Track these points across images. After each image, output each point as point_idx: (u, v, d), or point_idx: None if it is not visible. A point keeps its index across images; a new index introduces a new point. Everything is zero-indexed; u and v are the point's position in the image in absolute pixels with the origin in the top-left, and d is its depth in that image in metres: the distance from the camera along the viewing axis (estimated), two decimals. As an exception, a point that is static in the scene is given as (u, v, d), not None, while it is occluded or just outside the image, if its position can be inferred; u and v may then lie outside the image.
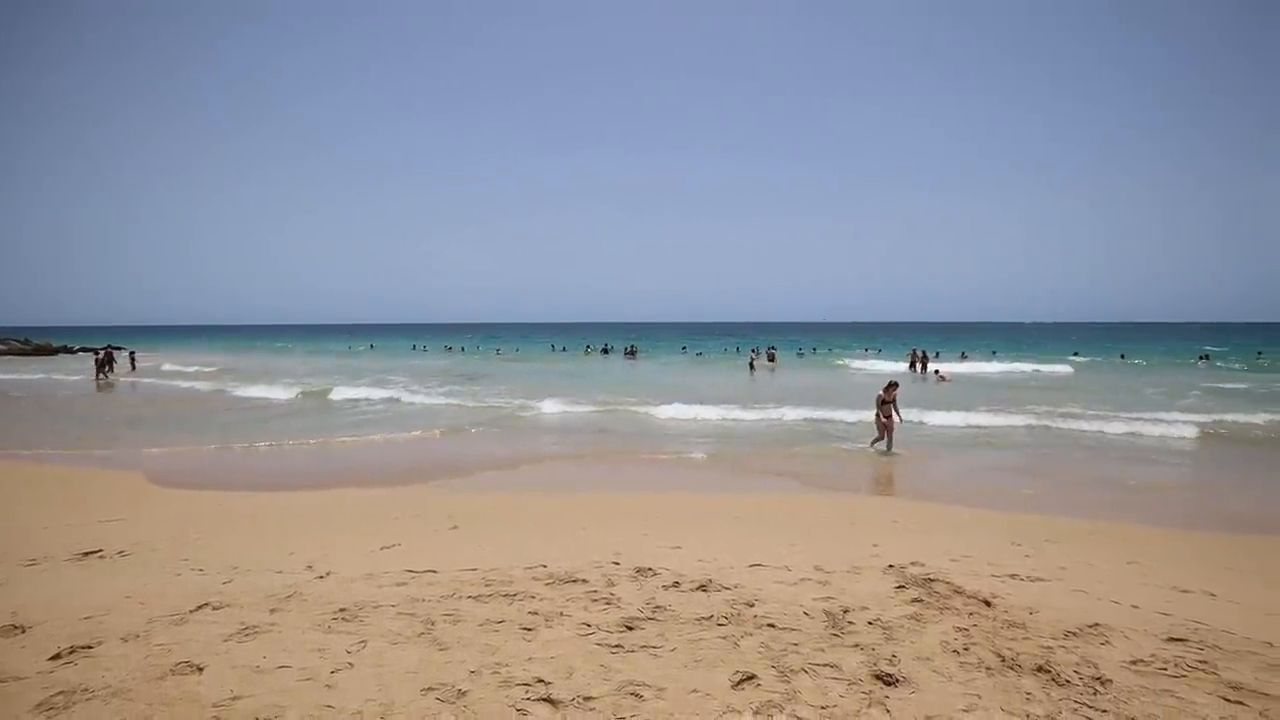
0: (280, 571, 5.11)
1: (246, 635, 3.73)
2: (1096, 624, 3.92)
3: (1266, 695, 3.14)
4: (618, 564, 5.20)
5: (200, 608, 4.17)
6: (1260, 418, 15.01)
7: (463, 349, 53.24)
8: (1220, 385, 24.30)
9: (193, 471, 10.27)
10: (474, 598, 4.35)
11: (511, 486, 9.50)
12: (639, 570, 4.96)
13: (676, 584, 4.63)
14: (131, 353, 38.30)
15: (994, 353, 43.00)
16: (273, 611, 4.11)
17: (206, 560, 5.48)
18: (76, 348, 49.14)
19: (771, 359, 36.65)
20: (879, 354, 43.88)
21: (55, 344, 49.98)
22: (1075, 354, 41.51)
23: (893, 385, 12.36)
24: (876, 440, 12.07)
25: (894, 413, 12.03)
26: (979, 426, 14.11)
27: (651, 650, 3.58)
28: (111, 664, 3.38)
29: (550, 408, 17.41)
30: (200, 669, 3.33)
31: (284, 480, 9.69)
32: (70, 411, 18.03)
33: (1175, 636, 3.78)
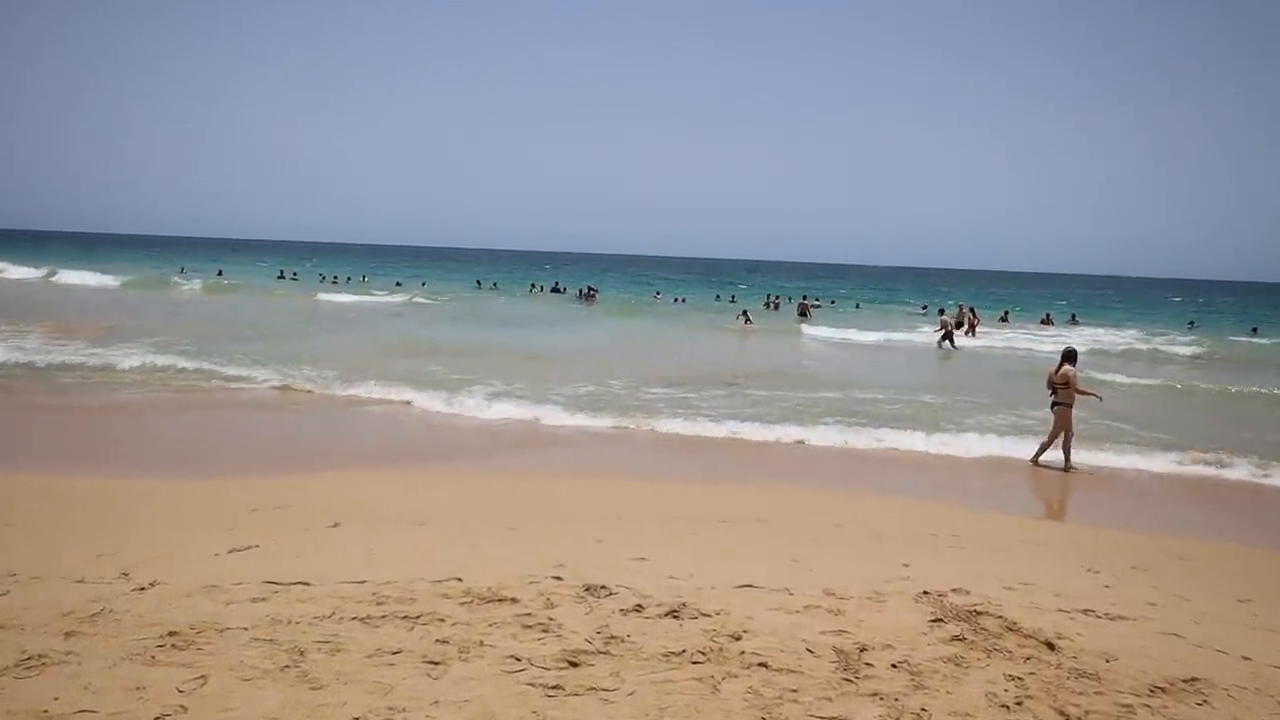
0: (82, 581, 5.00)
1: (29, 668, 3.65)
2: (1193, 678, 4.07)
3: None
4: (560, 579, 5.22)
5: (-38, 629, 4.06)
6: None
7: (347, 279, 52.05)
8: None
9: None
10: (361, 620, 4.34)
11: (418, 467, 9.47)
12: (589, 588, 4.99)
13: (638, 607, 4.67)
14: None
15: (1074, 316, 43.85)
16: (69, 636, 4.03)
17: (-28, 561, 5.34)
18: None
19: (804, 313, 37.10)
20: (923, 312, 44.10)
21: None
22: (1191, 324, 42.20)
23: (1067, 358, 11.35)
24: (1046, 450, 11.03)
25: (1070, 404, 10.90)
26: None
27: (602, 694, 3.60)
28: None
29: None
30: (-37, 711, 3.24)
31: (81, 457, 9.47)
32: None
33: (1295, 697, 3.95)
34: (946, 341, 27.11)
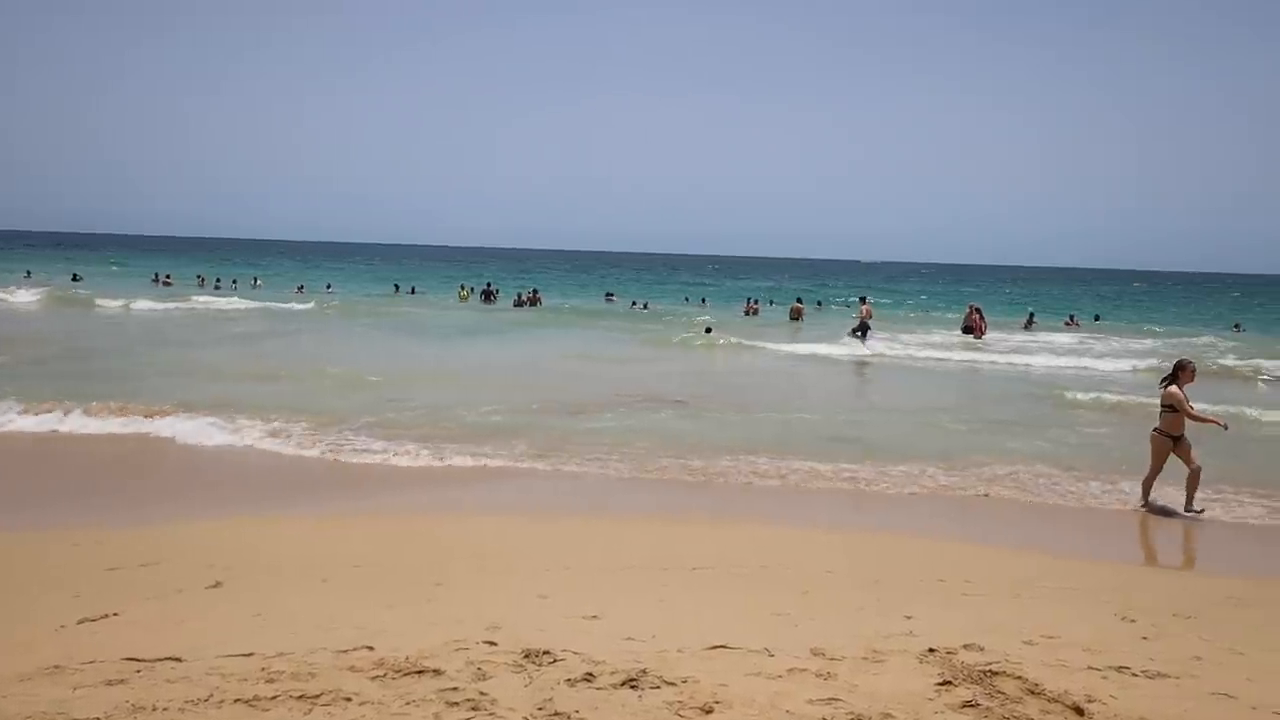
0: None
1: None
2: (1247, 747, 4.15)
3: None
4: (494, 644, 5.19)
5: None
6: None
7: (233, 282, 52.25)
8: None
9: None
10: (246, 703, 4.26)
11: (320, 512, 9.38)
12: (528, 654, 4.96)
13: (589, 676, 4.66)
14: None
15: (1096, 317, 45.37)
16: None
17: None
18: None
19: (797, 316, 39.09)
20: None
21: None
22: (1237, 326, 43.70)
23: (1180, 370, 11.06)
24: (1148, 492, 10.82)
25: (1185, 428, 10.67)
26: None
27: (545, 787, 3.58)
28: None
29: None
30: None
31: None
32: None
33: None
34: (859, 336, 27.62)
